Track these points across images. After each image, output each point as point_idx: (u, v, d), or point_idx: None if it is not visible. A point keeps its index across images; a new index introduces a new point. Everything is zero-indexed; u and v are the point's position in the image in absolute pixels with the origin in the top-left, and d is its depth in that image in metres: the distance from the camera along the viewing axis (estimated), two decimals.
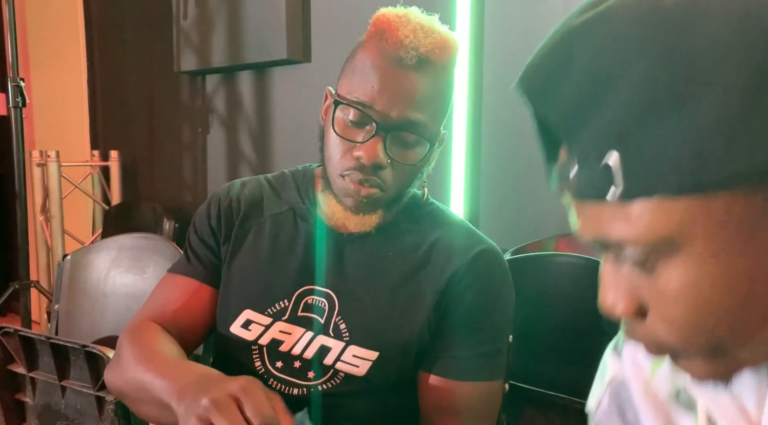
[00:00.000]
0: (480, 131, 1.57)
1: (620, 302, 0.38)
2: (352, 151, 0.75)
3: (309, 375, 0.79)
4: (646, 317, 0.37)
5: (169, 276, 0.88)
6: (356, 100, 0.74)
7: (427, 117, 0.75)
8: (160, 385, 0.67)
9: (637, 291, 0.37)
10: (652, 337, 0.38)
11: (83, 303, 1.35)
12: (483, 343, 0.79)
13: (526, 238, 1.43)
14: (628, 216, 0.34)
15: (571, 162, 0.36)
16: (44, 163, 2.47)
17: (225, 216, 0.86)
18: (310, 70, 1.99)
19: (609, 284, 0.38)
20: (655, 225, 0.33)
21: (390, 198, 0.79)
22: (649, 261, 0.35)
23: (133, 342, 0.78)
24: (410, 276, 0.80)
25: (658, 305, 0.36)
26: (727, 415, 0.42)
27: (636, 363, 0.49)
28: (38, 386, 1.19)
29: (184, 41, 2.26)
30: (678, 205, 0.32)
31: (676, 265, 0.34)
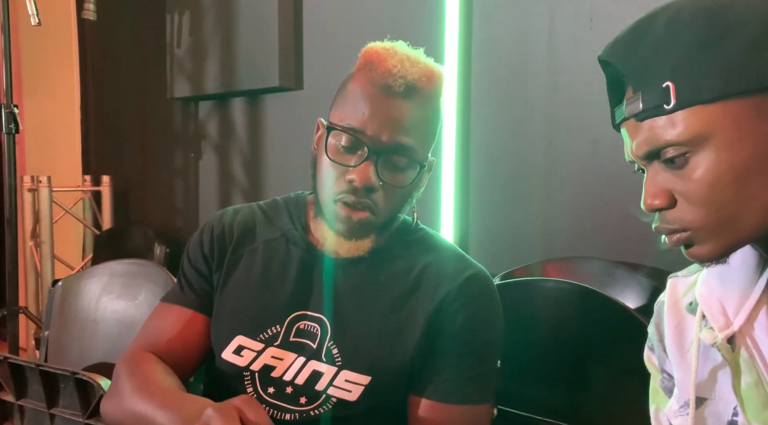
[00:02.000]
0: (468, 159, 1.61)
1: (658, 198, 0.55)
2: (345, 176, 0.78)
3: (301, 400, 0.79)
4: (676, 206, 0.54)
5: (162, 306, 0.89)
6: (348, 126, 0.77)
7: (416, 141, 0.78)
8: (162, 417, 0.69)
9: (671, 186, 0.54)
10: (678, 221, 0.54)
11: (73, 329, 1.35)
12: (472, 366, 0.80)
13: (514, 263, 1.45)
14: (675, 122, 0.52)
15: (636, 96, 0.54)
16: (35, 188, 2.47)
17: (218, 244, 0.88)
18: (303, 97, 2.03)
19: (650, 188, 0.55)
20: (692, 125, 0.51)
21: (381, 222, 0.81)
22: (684, 157, 0.52)
23: (130, 373, 0.79)
24: (402, 300, 0.81)
25: (686, 191, 0.53)
26: (712, 313, 0.59)
27: (674, 293, 0.66)
28: (27, 414, 1.18)
29: (178, 68, 2.30)
30: (709, 109, 0.51)
31: (703, 156, 0.51)
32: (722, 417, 0.57)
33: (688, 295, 0.64)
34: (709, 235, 0.53)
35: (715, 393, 0.58)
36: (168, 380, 0.78)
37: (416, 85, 0.77)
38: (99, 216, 2.70)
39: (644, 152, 0.54)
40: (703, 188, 0.52)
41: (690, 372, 0.59)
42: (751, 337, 0.56)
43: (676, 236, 0.55)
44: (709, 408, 0.58)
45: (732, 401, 0.56)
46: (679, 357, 0.63)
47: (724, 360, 0.57)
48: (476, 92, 1.60)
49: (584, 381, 1.00)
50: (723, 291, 0.59)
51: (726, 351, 0.56)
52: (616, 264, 1.32)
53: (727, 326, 0.57)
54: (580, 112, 1.45)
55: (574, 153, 1.46)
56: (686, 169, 0.52)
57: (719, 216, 0.52)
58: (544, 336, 1.06)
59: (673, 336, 0.64)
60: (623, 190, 1.41)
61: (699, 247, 0.54)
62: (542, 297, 1.09)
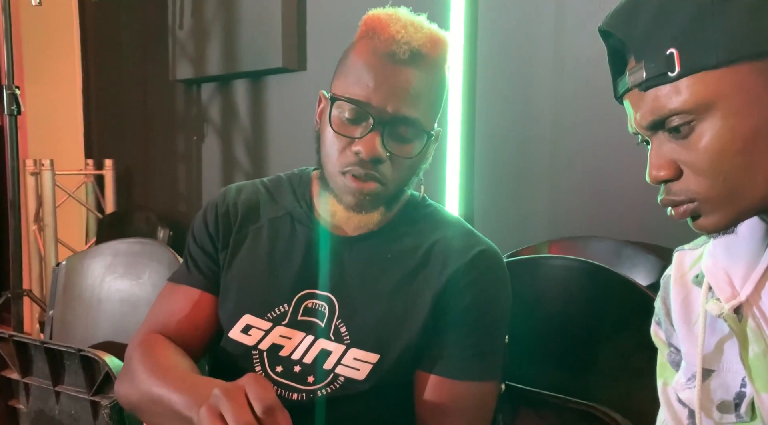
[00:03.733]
0: (474, 138, 1.59)
1: (663, 169, 0.54)
2: (351, 147, 0.76)
3: (309, 379, 0.78)
4: (681, 177, 0.53)
5: (170, 286, 0.88)
6: (352, 97, 0.75)
7: (422, 110, 0.76)
8: (179, 400, 0.68)
9: (676, 156, 0.53)
10: (684, 192, 0.53)
11: (78, 309, 1.34)
12: (480, 343, 0.79)
13: (520, 244, 1.44)
14: (680, 90, 0.51)
15: (639, 65, 0.53)
16: (38, 171, 2.46)
17: (222, 222, 0.86)
18: (305, 78, 2.01)
19: (655, 159, 0.54)
20: (698, 92, 0.50)
21: (390, 194, 0.80)
22: (689, 126, 0.51)
23: (143, 357, 0.79)
24: (409, 277, 0.80)
25: (692, 161, 0.52)
26: (718, 283, 0.58)
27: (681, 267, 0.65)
28: (32, 392, 1.18)
29: (180, 50, 2.28)
30: (715, 76, 0.50)
31: (709, 124, 0.50)
32: (730, 389, 0.57)
33: (694, 268, 0.63)
34: (715, 206, 0.52)
35: (722, 364, 0.58)
36: (181, 362, 0.78)
37: (421, 50, 0.75)
38: (102, 200, 2.69)
39: (648, 122, 0.53)
40: (709, 157, 0.51)
41: (697, 345, 0.59)
42: (758, 307, 0.55)
43: (683, 208, 0.54)
44: (717, 380, 0.58)
45: (740, 372, 0.56)
46: (686, 330, 0.62)
47: (731, 330, 0.56)
48: (481, 71, 1.58)
49: (593, 358, 1.00)
50: (729, 262, 0.58)
51: (733, 321, 0.56)
52: (624, 244, 1.31)
53: (734, 296, 0.56)
54: (586, 91, 1.43)
55: (581, 132, 1.44)
56: (692, 138, 0.51)
57: (726, 186, 0.51)
58: (552, 314, 1.05)
59: (679, 309, 0.63)
60: (630, 169, 1.40)
61: (706, 218, 0.53)
62: (550, 274, 1.08)
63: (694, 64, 0.50)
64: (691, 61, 0.50)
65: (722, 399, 0.57)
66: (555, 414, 0.89)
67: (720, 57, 0.49)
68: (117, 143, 2.74)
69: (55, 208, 2.48)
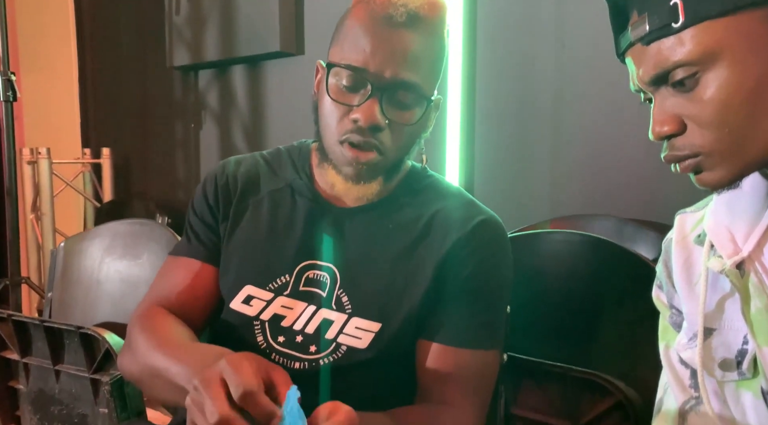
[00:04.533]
0: (473, 117, 1.58)
1: (667, 124, 0.53)
2: (349, 115, 0.75)
3: (311, 348, 0.78)
4: (686, 132, 0.53)
5: (170, 259, 0.87)
6: (349, 63, 0.74)
7: (422, 75, 0.75)
8: (176, 370, 0.67)
9: (680, 111, 0.52)
10: (688, 146, 0.53)
11: (77, 290, 1.34)
12: (482, 312, 0.79)
13: (521, 223, 1.43)
14: (684, 41, 0.50)
15: (641, 18, 0.52)
16: (35, 160, 2.45)
17: (222, 194, 0.86)
18: (304, 62, 2.00)
19: (659, 115, 0.54)
20: (702, 42, 0.50)
21: (389, 163, 0.79)
22: (694, 78, 0.50)
23: (143, 329, 0.78)
24: (411, 247, 0.80)
25: (696, 113, 0.51)
26: (720, 241, 0.58)
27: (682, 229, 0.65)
28: (32, 372, 1.18)
29: (177, 36, 2.26)
30: (719, 24, 0.49)
31: (714, 75, 0.50)
32: (732, 347, 0.57)
33: (696, 229, 0.63)
34: (720, 160, 0.52)
35: (724, 322, 0.58)
36: (181, 332, 0.77)
37: (418, 13, 0.73)
38: (99, 188, 2.68)
39: (651, 76, 0.53)
40: (714, 109, 0.50)
41: (698, 304, 0.59)
42: (760, 262, 0.55)
43: (687, 162, 0.54)
44: (718, 339, 0.58)
45: (741, 329, 0.56)
46: (688, 290, 0.62)
47: (733, 286, 0.56)
48: (481, 48, 1.57)
49: (595, 330, 0.99)
50: (732, 219, 0.58)
51: (735, 277, 0.56)
52: (625, 221, 1.30)
53: (736, 253, 0.56)
54: (588, 69, 1.42)
55: (582, 110, 1.44)
56: (696, 90, 0.51)
57: (731, 138, 0.51)
58: (554, 287, 1.05)
59: (681, 270, 0.63)
60: (631, 147, 1.39)
61: (709, 173, 0.53)
62: (552, 249, 1.08)
63: (698, 13, 0.49)
64: (696, 11, 0.49)
65: (724, 357, 0.57)
66: (557, 384, 0.89)
67: (724, 5, 0.48)
68: (114, 131, 2.72)
69: (52, 196, 2.46)
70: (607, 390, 0.84)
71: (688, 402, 0.62)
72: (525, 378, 0.94)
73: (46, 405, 1.16)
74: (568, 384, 0.88)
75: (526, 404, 0.94)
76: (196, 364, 0.65)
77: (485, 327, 0.79)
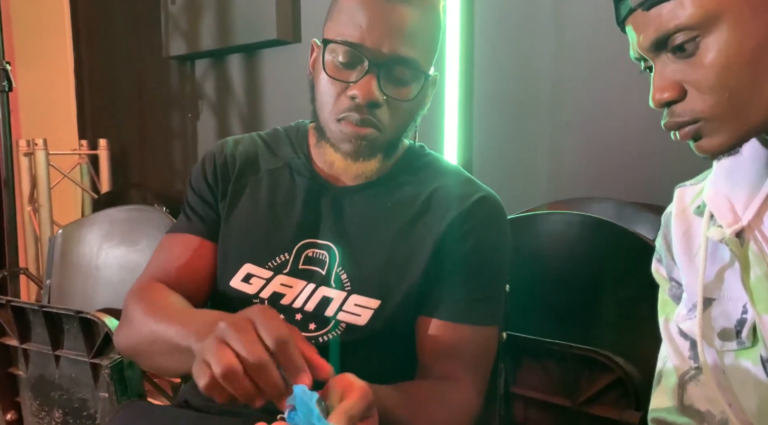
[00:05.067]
0: (471, 100, 1.58)
1: (667, 91, 0.53)
2: (346, 92, 0.74)
3: (310, 326, 0.78)
4: (686, 98, 0.52)
5: (169, 237, 0.87)
6: (345, 39, 0.73)
7: (419, 50, 0.75)
8: (176, 331, 0.65)
9: (681, 77, 0.52)
10: (689, 112, 0.52)
11: (75, 277, 1.34)
12: (481, 288, 0.79)
13: (519, 207, 1.43)
14: (684, 4, 0.50)
15: None
16: (32, 152, 2.44)
17: (221, 173, 0.86)
18: (301, 50, 1.99)
19: (659, 82, 0.54)
20: (703, 4, 0.49)
21: (388, 140, 0.79)
22: (694, 42, 0.50)
23: (140, 299, 0.77)
24: (410, 225, 0.80)
25: (696, 78, 0.51)
26: (720, 210, 0.58)
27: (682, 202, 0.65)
28: (31, 358, 1.18)
29: (173, 26, 2.25)
30: None
31: (714, 38, 0.50)
32: (731, 316, 0.57)
33: (696, 201, 0.63)
34: (719, 125, 0.52)
35: (723, 292, 0.58)
36: (179, 300, 0.76)
37: None
38: (97, 180, 2.67)
39: (652, 41, 0.52)
40: (714, 73, 0.50)
41: (698, 274, 0.59)
42: (760, 231, 0.55)
43: (687, 128, 0.53)
44: (718, 309, 0.58)
45: (740, 299, 0.56)
46: (687, 261, 0.62)
47: (733, 255, 0.56)
48: (479, 32, 1.56)
49: (595, 310, 1.00)
50: (731, 189, 0.58)
51: (735, 245, 0.56)
52: (624, 204, 1.31)
53: (736, 221, 0.56)
54: (587, 52, 1.42)
55: (581, 93, 1.44)
56: (697, 55, 0.51)
57: (731, 103, 0.50)
58: (553, 268, 1.05)
59: (681, 242, 0.63)
60: (631, 131, 1.39)
61: (709, 139, 0.53)
62: (550, 229, 1.08)
63: None
64: None
65: (723, 327, 0.57)
66: (557, 361, 0.89)
67: None
68: (111, 122, 2.71)
69: (49, 188, 2.46)
70: (607, 367, 0.84)
71: (687, 373, 0.62)
72: (524, 357, 0.94)
73: (46, 391, 1.16)
74: (567, 362, 0.88)
75: (526, 383, 0.95)
76: (194, 327, 0.63)
77: (485, 302, 0.79)
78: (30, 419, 1.21)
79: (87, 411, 1.11)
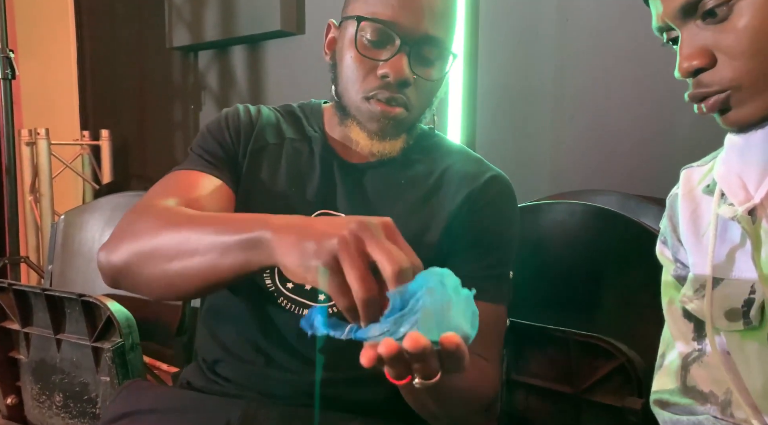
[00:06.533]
0: (476, 91, 1.58)
1: (696, 58, 0.52)
2: (376, 71, 0.75)
3: (320, 297, 0.78)
4: (716, 66, 0.51)
5: (181, 172, 0.78)
6: (379, 17, 0.74)
7: (445, 31, 0.76)
8: (220, 227, 0.57)
9: (711, 43, 0.51)
10: (718, 81, 0.51)
11: (77, 262, 1.33)
12: (494, 265, 0.79)
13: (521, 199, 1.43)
14: None
15: None
16: (33, 141, 2.43)
17: (244, 130, 0.83)
18: (305, 42, 1.98)
19: (687, 49, 0.52)
20: None
21: (413, 119, 0.79)
22: (728, 4, 0.49)
23: (147, 210, 0.67)
24: (423, 201, 0.80)
25: (729, 44, 0.50)
26: (731, 188, 0.57)
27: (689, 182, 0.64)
28: (33, 342, 1.18)
29: (176, 16, 2.25)
30: None
31: (749, 2, 0.48)
32: (739, 296, 0.56)
33: (704, 180, 0.63)
34: (749, 94, 0.51)
35: (733, 272, 0.57)
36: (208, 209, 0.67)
37: None
38: (98, 170, 2.67)
39: (680, 6, 0.51)
40: (749, 36, 0.49)
41: (706, 254, 0.58)
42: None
43: (713, 99, 0.52)
44: (726, 288, 0.58)
45: (749, 278, 0.56)
46: (695, 241, 0.62)
47: (744, 232, 0.56)
48: (484, 22, 1.56)
49: (598, 298, 1.00)
50: (743, 167, 0.57)
51: (747, 223, 0.55)
52: (627, 196, 1.30)
53: (748, 199, 0.55)
54: (590, 43, 1.41)
55: (584, 85, 1.43)
56: (729, 20, 0.49)
57: (764, 69, 0.49)
58: (556, 257, 1.05)
59: (688, 222, 0.63)
60: (634, 123, 1.39)
61: (738, 110, 0.52)
62: (554, 219, 1.08)
63: None
64: None
65: (730, 307, 0.57)
66: (559, 349, 0.89)
67: None
68: (113, 113, 2.71)
69: (51, 177, 2.45)
70: (609, 354, 0.84)
71: (690, 354, 0.62)
72: (526, 345, 0.94)
73: (47, 375, 1.16)
74: (569, 349, 0.88)
75: (528, 370, 0.95)
76: (259, 217, 0.56)
77: (496, 280, 0.79)
78: (31, 403, 1.20)
79: (88, 395, 1.11)
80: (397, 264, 0.47)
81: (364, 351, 0.47)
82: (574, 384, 0.89)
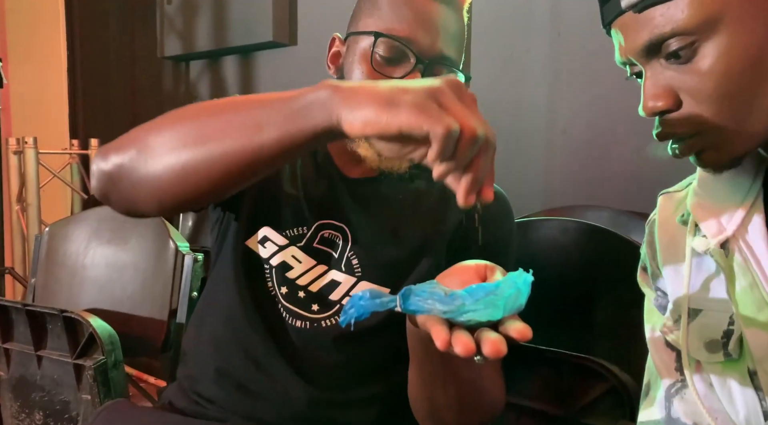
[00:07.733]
0: None
1: (661, 99, 0.50)
2: None
3: (313, 307, 0.77)
4: (681, 107, 0.49)
5: None
6: (396, 35, 0.73)
7: (456, 51, 0.77)
8: (257, 102, 0.52)
9: (676, 84, 0.49)
10: (686, 123, 0.49)
11: (61, 276, 1.31)
12: None
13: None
14: (680, 7, 0.47)
15: None
16: (21, 150, 2.41)
17: None
18: (296, 53, 1.98)
19: (651, 89, 0.50)
20: (702, 7, 0.46)
21: None
22: (691, 48, 0.47)
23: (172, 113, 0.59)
24: (423, 218, 0.80)
25: (693, 86, 0.48)
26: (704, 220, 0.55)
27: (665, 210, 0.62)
28: (13, 358, 1.15)
29: (168, 26, 2.24)
30: None
31: (713, 44, 0.47)
32: (717, 327, 0.55)
33: (679, 209, 0.61)
34: (720, 137, 0.49)
35: (710, 303, 0.56)
36: None
37: None
38: (87, 180, 2.64)
39: (644, 44, 0.49)
40: (714, 80, 0.47)
41: (683, 285, 0.57)
42: (744, 241, 0.53)
43: (688, 142, 0.51)
44: (704, 319, 0.56)
45: (727, 310, 0.54)
46: (672, 271, 0.60)
47: (718, 266, 0.54)
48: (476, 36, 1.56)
49: (589, 317, 0.98)
50: (715, 199, 0.56)
51: (720, 256, 0.54)
52: (619, 212, 1.30)
53: (720, 232, 0.54)
54: (582, 58, 1.42)
55: (576, 101, 1.43)
56: (694, 61, 0.47)
57: (731, 112, 0.48)
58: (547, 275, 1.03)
59: (665, 251, 0.61)
60: (626, 139, 1.39)
61: (714, 152, 0.50)
62: (545, 236, 1.06)
63: None
64: None
65: (710, 338, 0.55)
66: (550, 369, 0.88)
67: None
68: (103, 122, 2.69)
69: (38, 187, 2.42)
70: (601, 375, 0.83)
71: (674, 385, 0.60)
72: (517, 365, 0.93)
73: (27, 392, 1.13)
74: (561, 370, 0.86)
75: (518, 391, 0.93)
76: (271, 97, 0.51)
77: None
78: (9, 421, 1.17)
79: (69, 414, 1.08)
80: (474, 128, 0.47)
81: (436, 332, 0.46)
82: (566, 406, 0.87)
